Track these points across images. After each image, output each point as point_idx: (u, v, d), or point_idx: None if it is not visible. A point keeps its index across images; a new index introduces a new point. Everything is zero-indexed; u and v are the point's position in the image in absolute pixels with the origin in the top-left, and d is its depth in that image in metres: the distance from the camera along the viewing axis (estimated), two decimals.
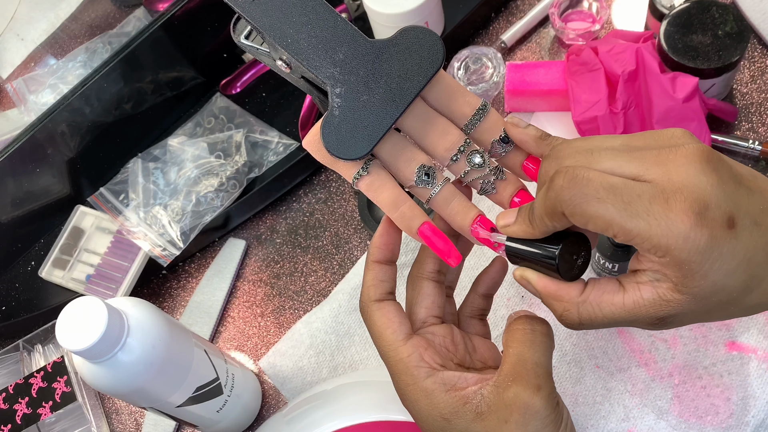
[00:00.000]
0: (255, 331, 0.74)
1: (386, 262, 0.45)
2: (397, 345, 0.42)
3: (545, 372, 0.40)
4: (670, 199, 0.35)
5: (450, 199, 0.43)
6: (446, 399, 0.40)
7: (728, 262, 0.35)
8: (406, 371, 0.42)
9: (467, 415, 0.40)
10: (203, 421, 0.63)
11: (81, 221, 0.78)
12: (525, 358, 0.40)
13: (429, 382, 0.41)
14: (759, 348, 0.62)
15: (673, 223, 0.35)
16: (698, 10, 0.68)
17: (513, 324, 0.43)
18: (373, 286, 0.44)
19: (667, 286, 0.36)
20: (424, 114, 0.43)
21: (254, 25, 0.42)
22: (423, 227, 0.42)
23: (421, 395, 0.41)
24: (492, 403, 0.39)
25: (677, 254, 0.35)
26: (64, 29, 0.88)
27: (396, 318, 0.43)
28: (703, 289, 0.36)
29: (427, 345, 0.43)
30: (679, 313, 0.37)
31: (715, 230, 0.35)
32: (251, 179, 0.77)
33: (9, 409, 0.71)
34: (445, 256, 0.43)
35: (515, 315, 0.44)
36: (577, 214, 0.36)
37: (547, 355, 0.41)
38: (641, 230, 0.35)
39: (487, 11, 0.82)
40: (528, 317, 0.43)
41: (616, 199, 0.36)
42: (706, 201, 0.35)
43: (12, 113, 0.85)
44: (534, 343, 0.41)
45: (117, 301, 0.54)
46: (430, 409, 0.41)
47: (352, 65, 0.41)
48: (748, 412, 0.61)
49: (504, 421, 0.39)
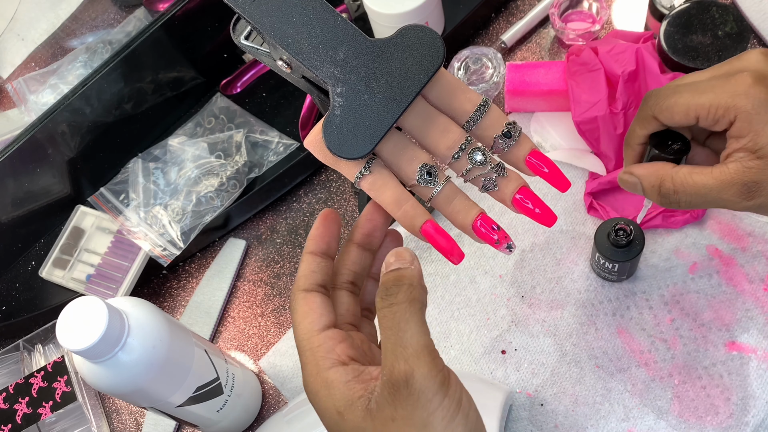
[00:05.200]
0: (255, 331, 0.74)
1: (321, 254, 0.43)
2: (312, 335, 0.40)
3: (414, 351, 0.35)
4: (733, 76, 0.45)
5: (452, 198, 0.43)
6: (343, 391, 0.37)
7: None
8: (313, 361, 0.39)
9: (358, 412, 0.36)
10: (203, 421, 0.63)
11: (81, 221, 0.78)
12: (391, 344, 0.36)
13: (332, 372, 0.38)
14: (759, 348, 0.62)
15: (734, 87, 0.45)
16: (698, 10, 0.68)
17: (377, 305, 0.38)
18: (304, 276, 0.43)
19: (747, 156, 0.45)
20: (425, 112, 0.43)
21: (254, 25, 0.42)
22: (426, 225, 0.42)
23: (321, 386, 0.38)
24: (379, 400, 0.36)
25: (743, 108, 0.44)
26: (64, 29, 0.88)
27: (318, 309, 0.41)
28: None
29: (342, 338, 0.40)
30: (761, 179, 0.44)
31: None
32: (251, 179, 0.77)
33: (9, 408, 0.71)
34: (448, 254, 0.43)
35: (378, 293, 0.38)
36: (664, 109, 0.47)
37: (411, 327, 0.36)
38: (711, 100, 0.45)
39: (487, 11, 0.82)
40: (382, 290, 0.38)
41: (688, 88, 0.47)
42: (764, 72, 0.45)
43: (12, 113, 0.85)
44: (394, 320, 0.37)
45: (117, 301, 0.54)
46: (328, 402, 0.38)
47: (353, 64, 0.41)
48: (747, 412, 0.61)
49: (391, 419, 0.35)
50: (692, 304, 0.65)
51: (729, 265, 0.66)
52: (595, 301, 0.67)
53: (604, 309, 0.66)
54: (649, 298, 0.66)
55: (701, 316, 0.64)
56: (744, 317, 0.64)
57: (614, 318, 0.66)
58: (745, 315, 0.64)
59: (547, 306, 0.68)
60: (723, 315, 0.64)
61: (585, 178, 0.72)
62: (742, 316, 0.64)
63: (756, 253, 0.66)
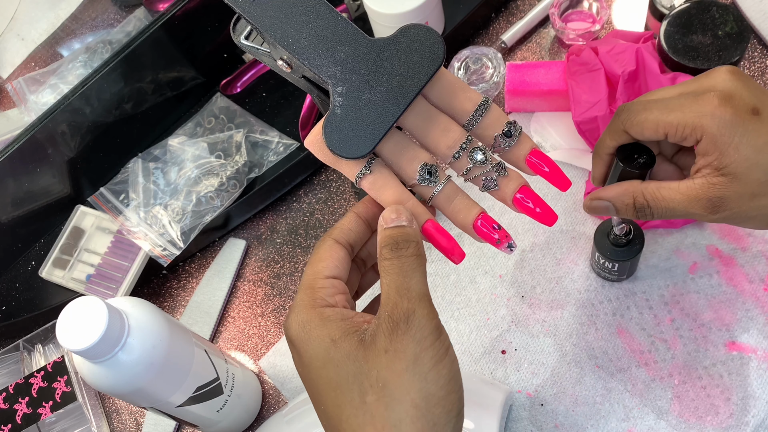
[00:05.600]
0: (255, 331, 0.74)
1: (364, 219, 0.44)
2: (320, 276, 0.41)
3: (417, 295, 0.39)
4: (701, 95, 0.46)
5: (452, 197, 0.43)
6: (339, 324, 0.39)
7: (755, 138, 0.45)
8: (311, 296, 0.41)
9: (353, 341, 0.38)
10: (203, 421, 0.63)
11: (81, 221, 0.78)
12: (395, 286, 0.39)
13: (328, 309, 0.40)
14: (759, 348, 0.62)
15: (701, 107, 0.46)
16: (698, 10, 0.68)
17: (381, 253, 0.41)
18: (340, 229, 0.43)
19: (712, 173, 0.46)
20: (426, 112, 0.43)
21: (255, 25, 0.42)
22: (427, 225, 0.43)
23: (316, 316, 0.40)
24: (376, 333, 0.38)
25: (709, 129, 0.45)
26: (64, 29, 0.88)
27: (336, 260, 0.42)
28: (739, 165, 0.45)
29: (344, 291, 0.42)
30: (725, 195, 0.46)
31: (738, 111, 0.45)
32: (251, 179, 0.77)
33: (9, 408, 0.71)
34: (448, 254, 0.43)
35: (382, 242, 0.41)
36: (634, 124, 0.48)
37: (416, 277, 0.40)
38: (679, 119, 0.46)
39: (487, 11, 0.82)
40: (391, 243, 0.41)
41: (657, 105, 0.48)
42: (730, 92, 0.46)
43: (12, 113, 0.85)
44: (402, 268, 0.40)
45: (117, 301, 0.54)
46: (322, 330, 0.39)
47: (354, 64, 0.41)
48: (748, 412, 0.61)
49: (384, 351, 0.37)
50: (692, 304, 0.65)
51: (729, 265, 0.66)
52: (595, 301, 0.67)
53: (604, 309, 0.66)
54: (649, 298, 0.66)
55: (701, 316, 0.64)
56: (744, 317, 0.64)
57: (614, 318, 0.66)
58: (745, 315, 0.64)
59: (547, 306, 0.68)
60: (723, 315, 0.64)
61: (585, 178, 0.72)
62: (742, 316, 0.64)
63: (756, 253, 0.66)
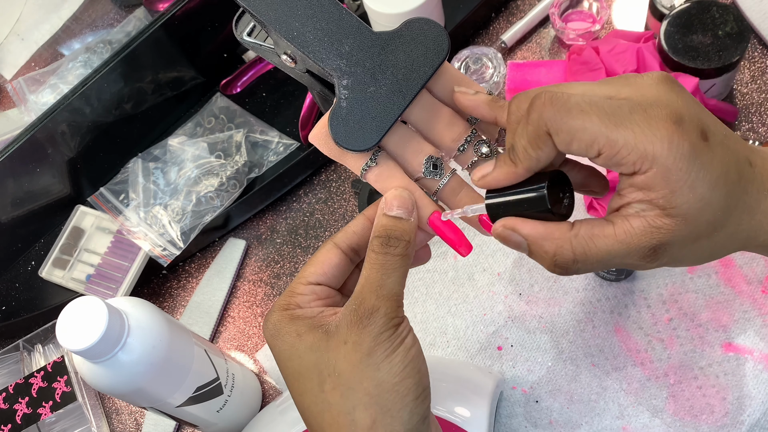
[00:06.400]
0: (255, 331, 0.75)
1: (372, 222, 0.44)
2: (302, 282, 0.42)
3: (387, 293, 0.40)
4: (649, 110, 0.36)
5: (458, 190, 0.43)
6: (307, 321, 0.41)
7: (710, 173, 0.36)
8: (287, 300, 0.42)
9: (317, 333, 0.40)
10: (203, 421, 0.63)
11: (81, 221, 0.78)
12: (370, 281, 0.40)
13: (299, 311, 0.41)
14: (755, 349, 0.63)
15: (656, 129, 0.35)
16: (698, 10, 0.68)
17: (372, 241, 0.42)
18: (344, 231, 0.44)
19: (655, 213, 0.36)
20: (430, 105, 0.43)
21: (260, 19, 0.42)
22: (433, 216, 0.43)
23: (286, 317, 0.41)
24: (340, 324, 0.40)
25: (664, 161, 0.35)
26: (64, 29, 0.88)
27: (326, 264, 0.43)
28: (691, 206, 0.36)
29: (327, 297, 0.43)
30: (670, 240, 0.36)
31: (693, 139, 0.36)
32: (251, 179, 0.77)
33: (9, 408, 0.71)
34: (455, 246, 0.43)
35: (376, 230, 0.42)
36: (563, 130, 0.36)
37: (394, 276, 0.40)
38: (627, 140, 0.35)
39: (487, 11, 0.82)
40: (383, 237, 0.41)
41: (599, 111, 0.36)
42: (680, 113, 0.36)
43: (12, 113, 0.86)
44: (384, 265, 0.40)
45: (117, 301, 0.54)
46: (288, 327, 0.41)
47: (359, 57, 0.42)
48: (743, 411, 0.61)
49: (343, 342, 0.39)
50: (690, 303, 0.65)
51: (728, 266, 0.66)
52: (593, 299, 0.67)
53: (602, 307, 0.67)
54: (647, 297, 0.66)
55: (699, 316, 0.65)
56: (741, 318, 0.64)
57: (612, 316, 0.66)
58: (742, 316, 0.64)
59: (544, 303, 0.68)
60: (720, 316, 0.64)
61: None
62: (739, 317, 0.64)
63: (755, 255, 0.66)
